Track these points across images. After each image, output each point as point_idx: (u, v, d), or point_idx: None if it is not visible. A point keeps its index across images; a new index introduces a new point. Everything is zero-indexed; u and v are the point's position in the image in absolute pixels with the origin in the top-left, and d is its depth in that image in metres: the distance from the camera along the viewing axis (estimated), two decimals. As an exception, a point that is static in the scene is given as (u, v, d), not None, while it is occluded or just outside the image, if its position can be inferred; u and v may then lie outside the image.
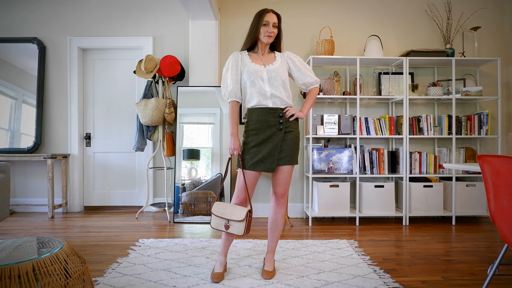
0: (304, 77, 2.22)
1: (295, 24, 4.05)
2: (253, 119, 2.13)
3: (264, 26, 2.12)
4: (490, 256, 2.59)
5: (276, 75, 2.12)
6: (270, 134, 2.09)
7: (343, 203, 3.63)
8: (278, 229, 2.24)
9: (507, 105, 4.05)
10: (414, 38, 4.06)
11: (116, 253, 2.63)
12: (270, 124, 2.10)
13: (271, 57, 2.21)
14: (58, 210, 4.20)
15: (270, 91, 2.10)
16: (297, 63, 2.23)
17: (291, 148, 2.14)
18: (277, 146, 2.09)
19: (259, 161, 2.08)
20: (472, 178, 3.89)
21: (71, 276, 1.36)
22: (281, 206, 2.23)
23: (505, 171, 1.51)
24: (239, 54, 2.20)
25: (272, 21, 2.12)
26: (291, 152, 2.14)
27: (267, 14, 2.14)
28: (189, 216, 3.70)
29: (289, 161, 2.13)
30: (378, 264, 2.41)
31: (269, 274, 2.14)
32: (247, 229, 2.04)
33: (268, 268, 2.17)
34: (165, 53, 4.13)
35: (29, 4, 4.22)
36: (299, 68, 2.23)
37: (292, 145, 2.14)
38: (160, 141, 3.85)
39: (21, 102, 4.22)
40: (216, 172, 3.81)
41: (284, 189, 2.19)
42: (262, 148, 2.09)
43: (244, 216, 2.01)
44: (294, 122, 2.18)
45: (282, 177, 2.16)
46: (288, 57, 2.24)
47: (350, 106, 3.98)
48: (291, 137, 2.14)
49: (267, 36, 2.13)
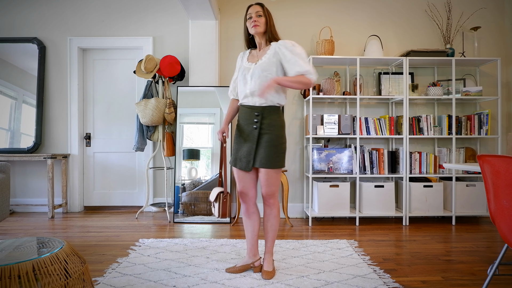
0: (294, 67, 2.03)
1: (295, 24, 4.05)
2: (239, 117, 2.21)
3: (249, 20, 2.14)
4: (490, 256, 2.59)
5: (260, 71, 2.07)
6: (248, 133, 2.11)
7: (343, 203, 3.63)
8: (272, 229, 2.20)
9: (507, 105, 4.05)
10: (414, 38, 4.06)
11: (116, 253, 2.63)
12: (249, 122, 2.12)
13: (264, 51, 2.15)
14: (58, 210, 4.20)
15: (250, 88, 2.10)
16: (287, 52, 2.05)
17: (267, 151, 2.06)
18: (252, 146, 2.09)
19: (238, 159, 2.14)
20: (472, 178, 3.89)
21: (71, 276, 1.36)
22: (270, 206, 2.18)
23: (505, 171, 1.51)
24: (241, 54, 2.28)
25: (254, 11, 2.12)
26: (266, 155, 2.06)
27: (250, 8, 2.15)
28: (189, 216, 3.70)
29: (265, 164, 2.06)
30: (378, 264, 2.41)
31: (269, 274, 2.14)
32: (222, 211, 2.09)
33: (267, 268, 2.17)
34: (165, 53, 4.13)
35: (29, 4, 4.22)
36: (288, 59, 2.05)
37: (267, 148, 2.06)
38: (160, 141, 3.85)
39: (21, 102, 4.22)
40: (216, 172, 3.80)
41: (266, 190, 2.14)
42: (242, 146, 2.14)
43: (215, 196, 2.10)
44: (272, 124, 2.08)
45: (263, 179, 2.12)
46: (279, 47, 2.09)
47: (350, 106, 3.98)
48: (267, 140, 2.07)
49: (252, 27, 2.12)
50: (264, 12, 2.12)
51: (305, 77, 2.02)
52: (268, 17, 2.13)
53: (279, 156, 2.09)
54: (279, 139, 2.09)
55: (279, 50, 2.08)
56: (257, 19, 2.10)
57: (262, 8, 2.13)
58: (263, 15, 2.11)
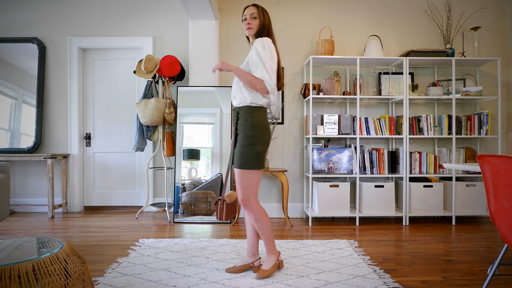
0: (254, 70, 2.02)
1: (295, 24, 4.05)
2: None
3: (243, 21, 2.14)
4: (490, 256, 2.59)
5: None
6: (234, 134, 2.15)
7: (343, 203, 3.63)
8: (261, 232, 2.14)
9: (507, 105, 4.05)
10: (414, 38, 4.06)
11: (116, 253, 2.63)
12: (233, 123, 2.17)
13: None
14: (58, 210, 4.20)
15: (232, 90, 2.16)
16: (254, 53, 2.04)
17: (237, 151, 2.06)
18: (233, 145, 2.14)
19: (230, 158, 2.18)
20: (472, 178, 3.89)
21: (71, 276, 1.36)
22: (248, 212, 2.13)
23: (505, 171, 1.51)
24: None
25: (249, 13, 2.11)
26: (236, 154, 2.07)
27: (245, 9, 2.15)
28: (189, 216, 3.70)
29: (234, 164, 2.06)
30: (378, 264, 2.41)
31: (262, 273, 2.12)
32: (219, 216, 2.11)
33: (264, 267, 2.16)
34: (165, 53, 4.13)
35: (29, 4, 4.22)
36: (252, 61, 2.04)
37: (238, 148, 2.06)
38: (160, 141, 3.85)
39: (21, 102, 4.22)
40: (216, 172, 3.80)
41: (238, 194, 2.09)
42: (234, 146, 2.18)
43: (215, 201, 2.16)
44: (244, 124, 2.06)
45: (235, 181, 2.11)
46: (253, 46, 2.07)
47: (350, 106, 3.98)
48: (239, 139, 2.08)
49: (246, 29, 2.13)
50: (259, 13, 2.11)
51: (262, 84, 2.01)
52: (263, 18, 2.11)
53: (247, 156, 2.03)
54: (248, 139, 2.04)
55: (252, 50, 2.08)
56: (251, 22, 2.10)
57: (257, 9, 2.12)
58: (257, 17, 2.10)
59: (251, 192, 2.08)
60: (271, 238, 2.16)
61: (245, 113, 2.08)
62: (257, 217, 2.11)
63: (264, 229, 2.13)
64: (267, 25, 2.13)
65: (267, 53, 2.02)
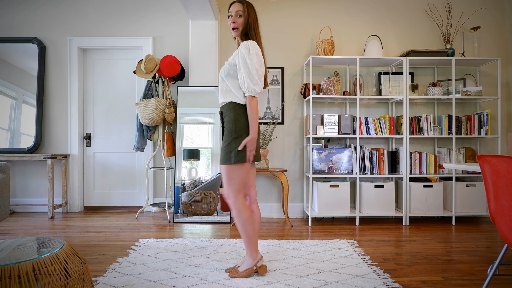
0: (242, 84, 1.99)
1: (295, 24, 4.05)
2: None
3: (229, 18, 2.08)
4: (490, 256, 2.59)
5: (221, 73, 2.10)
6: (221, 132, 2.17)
7: (343, 203, 3.63)
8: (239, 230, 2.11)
9: (507, 105, 4.05)
10: (414, 38, 4.06)
11: (116, 253, 2.63)
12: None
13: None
14: (58, 210, 4.20)
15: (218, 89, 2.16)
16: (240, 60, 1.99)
17: (222, 146, 2.07)
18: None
19: None
20: (472, 178, 3.89)
21: (71, 276, 1.36)
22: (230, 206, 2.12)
23: (505, 171, 1.51)
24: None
25: (234, 10, 2.05)
26: (221, 149, 2.06)
27: (231, 5, 2.08)
28: (189, 216, 3.70)
29: (220, 159, 2.06)
30: (378, 264, 2.41)
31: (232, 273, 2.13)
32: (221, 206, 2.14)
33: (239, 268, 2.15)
34: (165, 53, 4.13)
35: (29, 4, 4.22)
36: (239, 69, 2.00)
37: (223, 143, 2.07)
38: (160, 141, 3.85)
39: (21, 102, 4.22)
40: (216, 172, 3.80)
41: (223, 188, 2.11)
42: None
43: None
44: (227, 121, 2.05)
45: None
46: (239, 51, 2.02)
47: (350, 106, 3.98)
48: (224, 135, 2.09)
49: (231, 29, 2.09)
50: (244, 11, 2.04)
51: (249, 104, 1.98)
52: (247, 16, 2.04)
53: (230, 151, 2.00)
54: (231, 133, 2.02)
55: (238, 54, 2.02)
56: (236, 20, 2.05)
57: (243, 6, 2.05)
58: (242, 15, 2.04)
59: (231, 187, 2.05)
60: (251, 241, 2.09)
61: (228, 110, 2.07)
62: (236, 213, 2.07)
63: (241, 227, 2.08)
64: (252, 22, 2.06)
65: (253, 59, 1.97)
